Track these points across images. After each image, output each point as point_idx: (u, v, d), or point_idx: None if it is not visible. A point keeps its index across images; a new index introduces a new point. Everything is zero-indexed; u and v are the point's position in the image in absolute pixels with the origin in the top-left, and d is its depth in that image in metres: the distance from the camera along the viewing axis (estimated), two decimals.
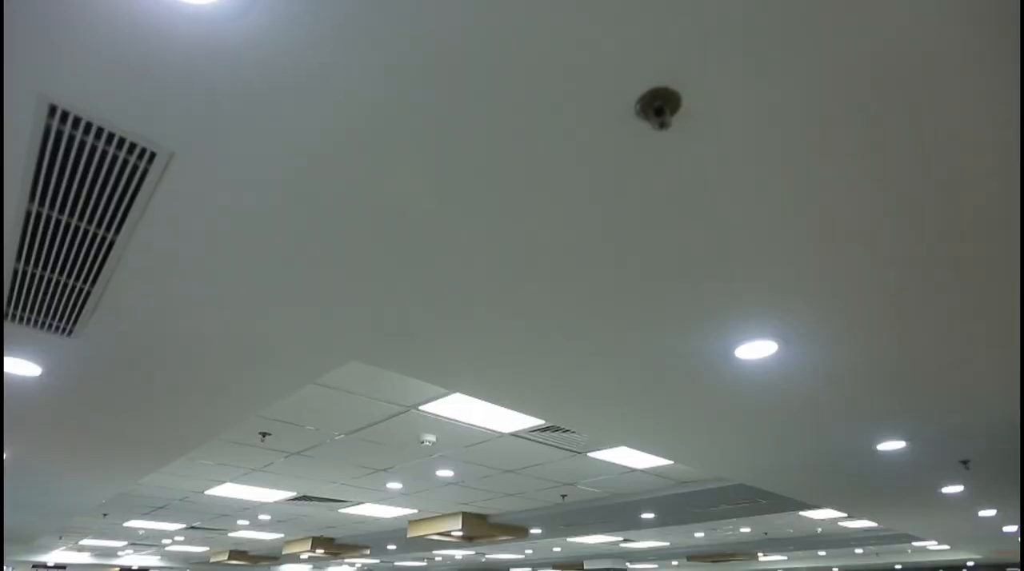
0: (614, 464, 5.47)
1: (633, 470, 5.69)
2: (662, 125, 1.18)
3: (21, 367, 2.58)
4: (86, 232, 1.66)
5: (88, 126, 1.29)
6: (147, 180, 1.45)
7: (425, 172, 1.42)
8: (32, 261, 1.79)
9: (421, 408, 3.92)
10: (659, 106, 1.19)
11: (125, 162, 1.39)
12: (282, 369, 2.55)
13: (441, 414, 4.03)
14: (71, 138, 1.32)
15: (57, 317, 2.16)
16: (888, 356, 2.42)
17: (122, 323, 2.20)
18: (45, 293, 1.98)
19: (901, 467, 4.37)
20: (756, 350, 2.36)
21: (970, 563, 14.51)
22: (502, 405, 3.02)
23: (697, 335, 2.25)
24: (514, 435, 4.57)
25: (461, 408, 3.93)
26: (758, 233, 1.65)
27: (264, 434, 4.53)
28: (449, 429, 4.36)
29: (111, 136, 1.31)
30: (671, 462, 5.28)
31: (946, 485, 5.13)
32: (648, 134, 1.30)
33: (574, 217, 1.58)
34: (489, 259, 1.76)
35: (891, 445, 3.78)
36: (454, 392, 3.57)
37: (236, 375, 2.64)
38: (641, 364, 2.50)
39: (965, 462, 4.28)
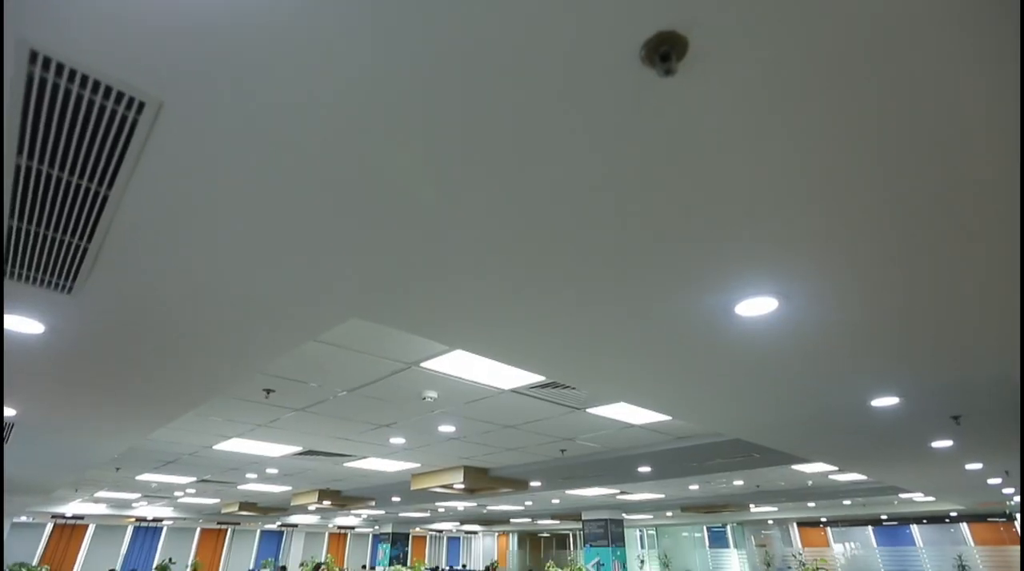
0: (613, 420, 5.58)
1: (631, 426, 5.81)
2: (668, 72, 1.14)
3: (23, 325, 2.59)
4: (78, 187, 1.63)
5: (72, 74, 1.24)
6: (137, 131, 1.41)
7: (422, 130, 1.38)
8: (26, 217, 1.76)
9: (422, 365, 3.97)
10: (665, 51, 1.14)
11: (113, 112, 1.35)
12: (283, 326, 2.57)
13: (442, 371, 4.09)
14: (55, 87, 1.27)
15: (55, 275, 2.15)
16: (887, 312, 2.42)
17: (121, 281, 2.20)
18: (42, 250, 1.97)
19: (893, 422, 4.46)
20: (756, 307, 2.36)
21: (953, 513, 15.03)
22: (502, 361, 3.05)
23: (698, 292, 2.25)
24: (514, 391, 4.64)
25: (462, 365, 3.98)
26: (759, 187, 1.62)
27: (268, 391, 4.60)
28: (450, 385, 4.43)
29: (97, 84, 1.27)
30: (669, 418, 5.39)
31: (936, 440, 5.25)
32: (652, 82, 1.26)
33: (573, 171, 1.54)
34: (488, 218, 1.74)
35: (885, 401, 3.85)
36: (455, 349, 3.61)
37: (237, 333, 2.66)
38: (641, 321, 2.51)
39: (956, 417, 4.37)
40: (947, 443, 5.36)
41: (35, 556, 15.66)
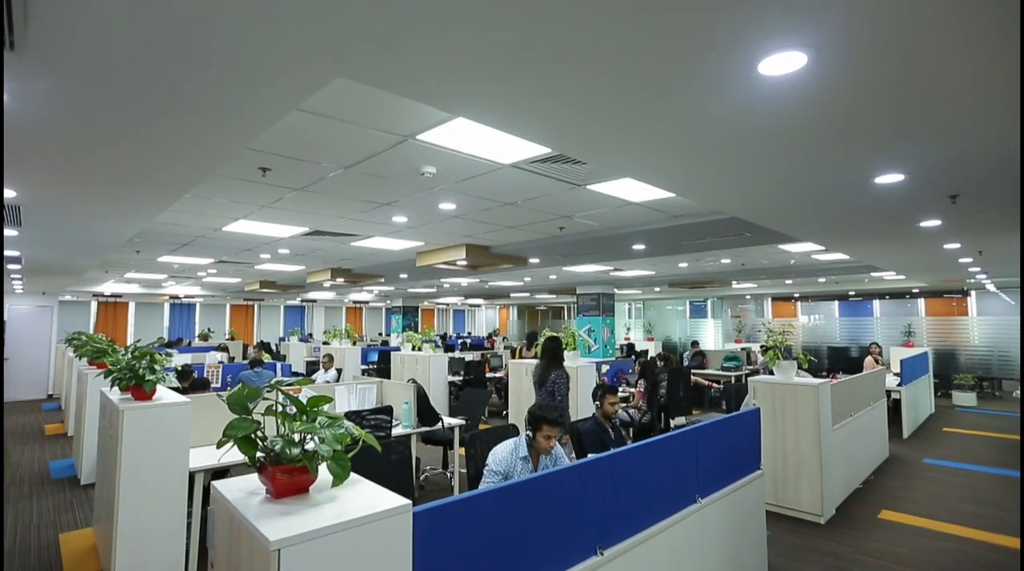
0: (612, 197, 5.61)
1: (629, 203, 5.87)
2: None
3: None
4: None
5: None
6: None
7: None
8: None
9: (419, 138, 3.79)
10: None
11: None
12: (260, 89, 2.34)
13: (440, 144, 3.93)
14: None
15: None
16: (917, 71, 2.18)
17: (64, 36, 1.93)
18: None
19: (892, 201, 4.48)
20: (782, 63, 2.12)
21: (915, 290, 16.38)
22: (508, 131, 2.89)
23: (719, 47, 1.98)
24: (514, 166, 4.55)
25: (460, 137, 3.80)
26: None
27: (264, 169, 4.51)
28: (449, 160, 4.32)
29: None
30: (667, 195, 5.41)
31: (926, 220, 5.36)
32: None
33: None
34: None
35: (890, 178, 3.80)
36: (454, 118, 3.40)
37: (208, 95, 2.42)
38: (657, 84, 2.28)
39: (954, 197, 4.37)
40: (936, 222, 5.49)
41: (89, 328, 17.65)
